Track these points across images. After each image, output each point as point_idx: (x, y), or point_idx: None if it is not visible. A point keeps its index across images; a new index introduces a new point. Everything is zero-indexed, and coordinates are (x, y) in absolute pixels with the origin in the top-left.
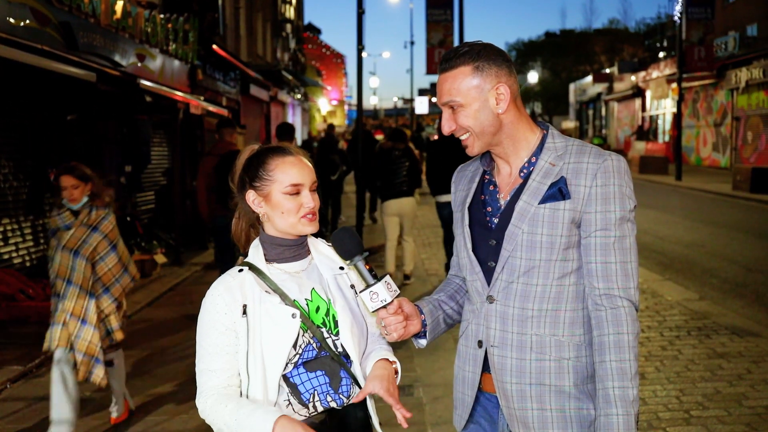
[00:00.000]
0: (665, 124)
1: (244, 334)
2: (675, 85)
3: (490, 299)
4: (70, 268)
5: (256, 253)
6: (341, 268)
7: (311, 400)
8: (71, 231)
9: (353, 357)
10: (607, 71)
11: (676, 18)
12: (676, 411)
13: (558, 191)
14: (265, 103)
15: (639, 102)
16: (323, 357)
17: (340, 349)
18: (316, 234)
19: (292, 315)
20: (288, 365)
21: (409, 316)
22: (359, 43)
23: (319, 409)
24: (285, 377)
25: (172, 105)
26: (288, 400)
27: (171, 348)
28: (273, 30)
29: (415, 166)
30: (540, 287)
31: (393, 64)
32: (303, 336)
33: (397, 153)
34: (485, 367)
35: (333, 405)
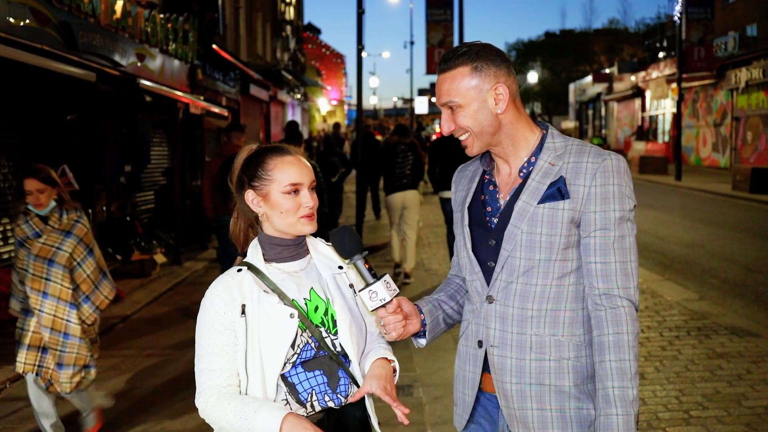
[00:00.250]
0: (665, 124)
1: (242, 333)
2: (675, 85)
3: (489, 299)
4: (45, 279)
5: (254, 253)
6: (340, 267)
7: (309, 399)
8: (42, 238)
9: (352, 356)
10: (607, 71)
11: (675, 18)
12: (675, 411)
13: (557, 191)
14: (265, 103)
15: (639, 102)
16: (322, 356)
17: (338, 349)
18: (319, 234)
19: (290, 315)
20: (286, 365)
21: (409, 315)
22: (359, 43)
23: (317, 409)
24: (283, 377)
25: (171, 105)
26: (286, 399)
27: (171, 347)
28: (273, 30)
29: (419, 160)
30: (539, 287)
31: (393, 64)
32: (301, 336)
33: (403, 147)
34: (485, 367)
35: (331, 405)
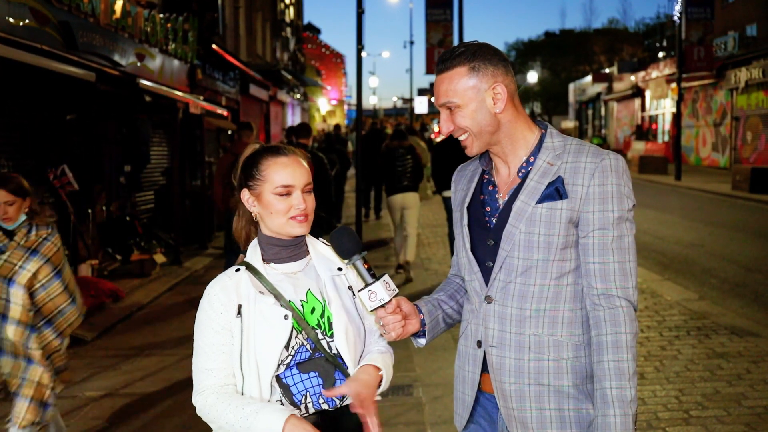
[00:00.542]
0: (665, 124)
1: (238, 333)
2: (674, 85)
3: (488, 299)
4: (4, 299)
5: (253, 253)
6: (339, 269)
7: (303, 401)
8: (5, 255)
9: (347, 359)
10: (607, 71)
11: (675, 18)
12: (675, 411)
13: (555, 191)
14: (265, 103)
15: (638, 102)
16: (317, 358)
17: (334, 351)
18: (325, 222)
19: (284, 316)
20: (280, 366)
21: (408, 315)
22: (359, 43)
23: (311, 411)
24: (278, 378)
25: (171, 105)
26: (280, 400)
27: (170, 347)
28: (272, 30)
29: (418, 162)
30: (538, 287)
31: (392, 63)
32: (296, 337)
33: (402, 151)
34: (485, 368)
35: (325, 407)
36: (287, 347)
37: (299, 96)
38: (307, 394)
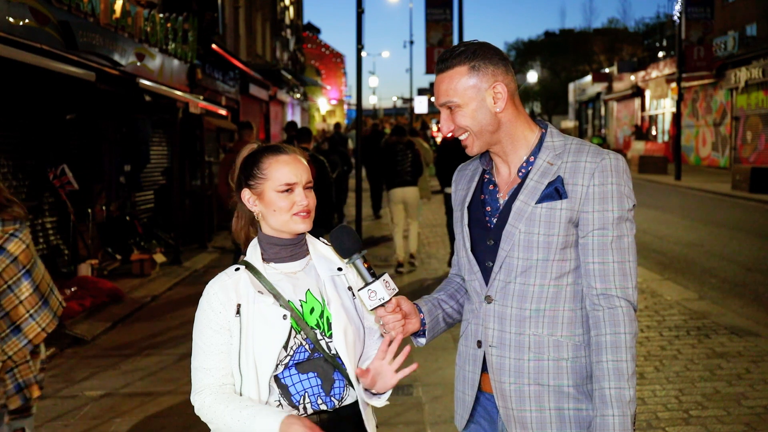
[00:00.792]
0: (665, 123)
1: (237, 333)
2: (674, 85)
3: (488, 299)
4: None
5: (253, 253)
6: (339, 269)
7: (301, 402)
8: None
9: (346, 360)
10: (607, 71)
11: (675, 18)
12: (675, 411)
13: (554, 190)
14: (265, 103)
15: (638, 102)
16: (316, 359)
17: (333, 351)
18: (324, 221)
19: (283, 316)
20: (279, 366)
21: (408, 314)
22: (358, 43)
23: (309, 411)
24: (276, 378)
25: (171, 104)
26: (279, 401)
27: (170, 347)
28: (272, 29)
29: (417, 158)
30: (537, 287)
31: (392, 63)
32: (295, 337)
33: (402, 146)
34: (485, 368)
35: (323, 407)
36: (286, 347)
37: (299, 96)
38: (306, 394)
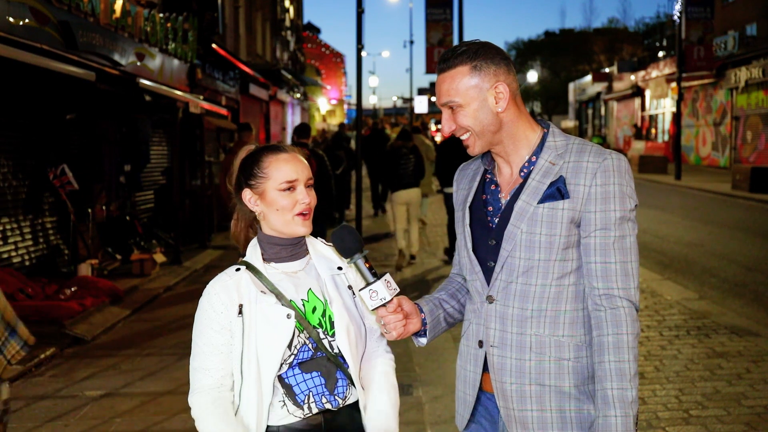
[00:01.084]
0: (665, 123)
1: (239, 334)
2: (674, 85)
3: (489, 299)
4: None
5: (253, 253)
6: (339, 268)
7: (306, 401)
8: None
9: (349, 358)
10: (607, 71)
11: (675, 17)
12: (675, 410)
13: (556, 191)
14: (265, 103)
15: (638, 101)
16: (319, 358)
17: (336, 350)
18: (326, 216)
19: (287, 315)
20: (283, 366)
21: (409, 314)
22: (359, 43)
23: (314, 411)
24: (280, 378)
25: (171, 104)
26: (283, 401)
27: (170, 347)
28: (272, 29)
29: (420, 161)
30: (539, 287)
31: (392, 63)
32: (298, 336)
33: (405, 150)
34: (486, 367)
35: (328, 406)
36: (290, 346)
37: (299, 95)
38: (310, 393)
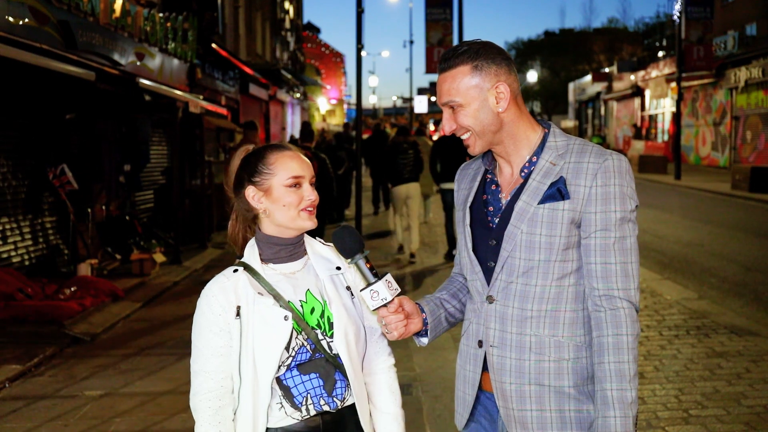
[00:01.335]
0: (664, 123)
1: (237, 335)
2: (674, 85)
3: (489, 299)
4: None
5: (251, 253)
6: (338, 268)
7: (304, 403)
8: None
9: (347, 359)
10: (606, 70)
11: (675, 17)
12: (675, 410)
13: (557, 191)
14: (264, 102)
15: (638, 101)
16: (318, 359)
17: (334, 352)
18: (326, 214)
19: (284, 317)
20: (281, 367)
21: (410, 314)
22: (358, 42)
23: (312, 413)
24: (278, 380)
25: (171, 104)
26: (280, 403)
27: (170, 347)
28: (272, 29)
29: (419, 156)
30: (539, 288)
31: (392, 63)
32: (297, 338)
33: (405, 146)
34: (485, 367)
35: (326, 408)
36: (288, 348)
37: (299, 95)
38: (308, 395)
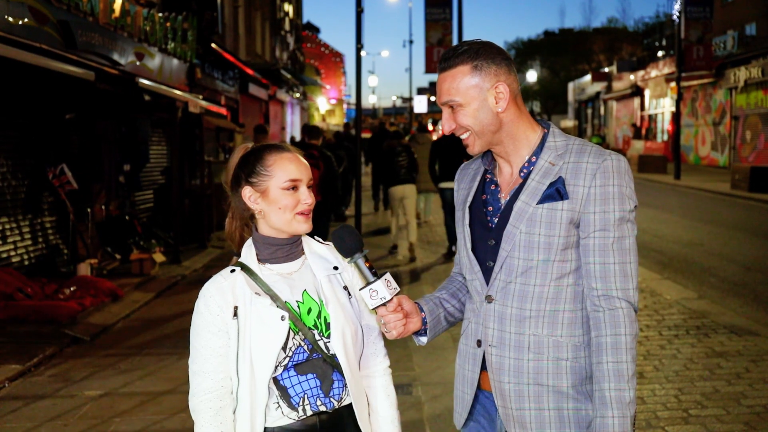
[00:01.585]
0: (664, 123)
1: (234, 335)
2: (674, 84)
3: (488, 299)
4: None
5: (248, 253)
6: (335, 268)
7: (301, 403)
8: None
9: (345, 359)
10: (606, 70)
11: (674, 17)
12: (674, 410)
13: (556, 191)
14: (264, 102)
15: (638, 101)
16: (315, 359)
17: (332, 352)
18: (331, 211)
19: (281, 317)
20: (278, 368)
21: (409, 313)
22: (358, 42)
23: (308, 413)
24: (275, 380)
25: (170, 104)
26: (277, 403)
27: (169, 346)
28: (272, 29)
29: (413, 158)
30: (538, 287)
31: (392, 63)
32: (294, 338)
33: (400, 149)
34: (484, 366)
35: (323, 408)
36: (285, 348)
37: (298, 95)
38: (305, 395)
